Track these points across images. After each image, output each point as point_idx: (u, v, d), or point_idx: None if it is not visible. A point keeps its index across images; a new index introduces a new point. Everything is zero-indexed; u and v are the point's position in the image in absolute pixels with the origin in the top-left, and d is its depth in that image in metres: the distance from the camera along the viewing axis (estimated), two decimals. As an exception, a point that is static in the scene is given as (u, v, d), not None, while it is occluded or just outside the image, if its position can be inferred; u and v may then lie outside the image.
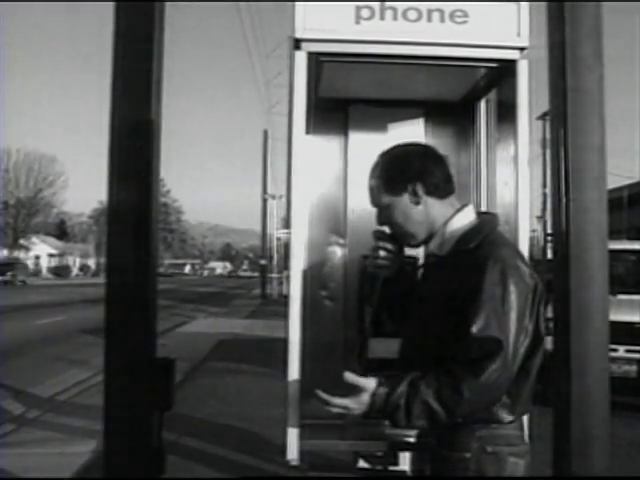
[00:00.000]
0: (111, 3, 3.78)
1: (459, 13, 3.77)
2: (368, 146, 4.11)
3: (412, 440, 3.57)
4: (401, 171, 2.75)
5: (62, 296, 41.92)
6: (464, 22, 3.77)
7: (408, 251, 2.99)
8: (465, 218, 2.72)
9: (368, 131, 4.60)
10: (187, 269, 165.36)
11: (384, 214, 2.81)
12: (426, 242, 2.78)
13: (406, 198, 2.73)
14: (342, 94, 4.64)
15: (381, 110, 4.67)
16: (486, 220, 2.76)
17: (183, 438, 7.69)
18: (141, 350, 3.70)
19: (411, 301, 2.87)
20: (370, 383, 2.52)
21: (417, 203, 2.72)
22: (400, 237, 2.86)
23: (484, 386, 2.38)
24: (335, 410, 2.56)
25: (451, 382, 2.41)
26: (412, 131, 4.62)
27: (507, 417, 2.54)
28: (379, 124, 4.55)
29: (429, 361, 2.54)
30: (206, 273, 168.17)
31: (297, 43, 3.76)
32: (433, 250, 2.75)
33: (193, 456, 7.16)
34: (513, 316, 2.43)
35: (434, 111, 4.71)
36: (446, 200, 2.75)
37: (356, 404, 2.53)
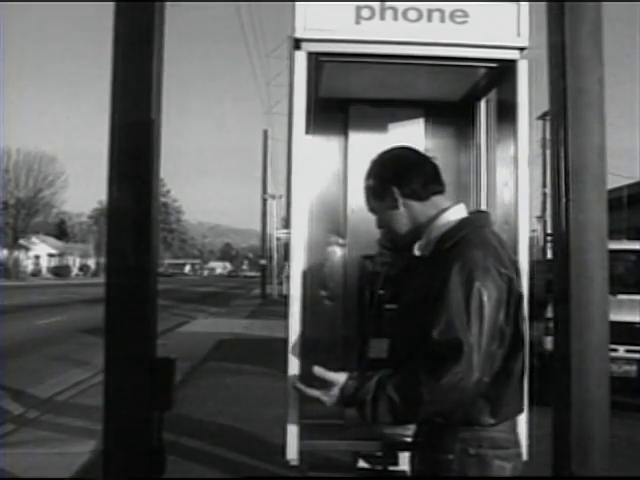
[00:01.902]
0: (111, 3, 3.78)
1: (459, 13, 3.77)
2: (368, 146, 4.11)
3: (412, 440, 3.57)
4: (380, 177, 2.90)
5: (62, 296, 41.90)
6: (464, 22, 3.76)
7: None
8: (450, 217, 2.74)
9: (368, 131, 4.60)
10: (187, 269, 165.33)
11: (377, 218, 2.96)
12: (413, 243, 2.80)
13: (387, 202, 2.84)
14: (342, 94, 4.64)
15: (381, 110, 4.67)
16: (469, 220, 2.76)
17: (183, 438, 7.69)
18: (141, 350, 3.70)
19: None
20: (340, 377, 2.72)
21: (395, 207, 2.81)
22: (391, 239, 2.99)
23: (446, 388, 2.38)
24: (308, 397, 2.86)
25: (413, 383, 2.45)
26: (412, 131, 4.62)
27: (488, 420, 2.53)
28: (379, 124, 4.55)
29: (405, 361, 2.58)
30: (206, 273, 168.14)
31: (297, 43, 3.75)
32: (418, 251, 2.77)
33: (193, 456, 7.17)
34: (480, 318, 2.42)
35: (434, 111, 4.71)
36: (428, 201, 2.80)
37: (326, 396, 2.73)
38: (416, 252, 2.75)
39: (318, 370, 2.78)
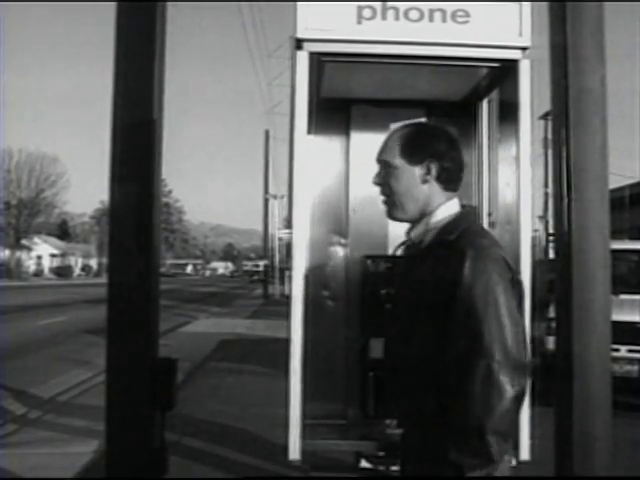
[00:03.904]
0: (113, 3, 3.77)
1: (461, 13, 3.77)
2: (370, 146, 4.11)
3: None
4: (426, 144, 2.70)
5: (64, 296, 41.91)
6: (466, 22, 3.77)
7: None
8: (449, 210, 2.69)
9: (370, 131, 4.61)
10: (189, 269, 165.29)
11: (387, 174, 2.73)
12: (409, 222, 2.76)
13: (417, 171, 2.68)
14: (344, 94, 4.65)
15: (383, 110, 4.68)
16: (469, 212, 2.77)
17: (185, 438, 7.69)
18: (143, 350, 3.70)
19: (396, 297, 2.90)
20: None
21: (425, 182, 2.69)
22: (388, 205, 2.77)
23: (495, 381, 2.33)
24: None
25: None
26: (414, 131, 4.63)
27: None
28: (381, 124, 4.55)
29: (414, 357, 2.57)
30: (208, 273, 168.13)
31: (299, 43, 3.76)
32: (413, 240, 2.74)
33: (195, 456, 7.16)
34: (510, 316, 2.42)
35: (436, 111, 4.72)
36: (445, 193, 2.71)
37: None
38: (412, 233, 2.73)
39: None
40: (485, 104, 4.57)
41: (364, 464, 4.51)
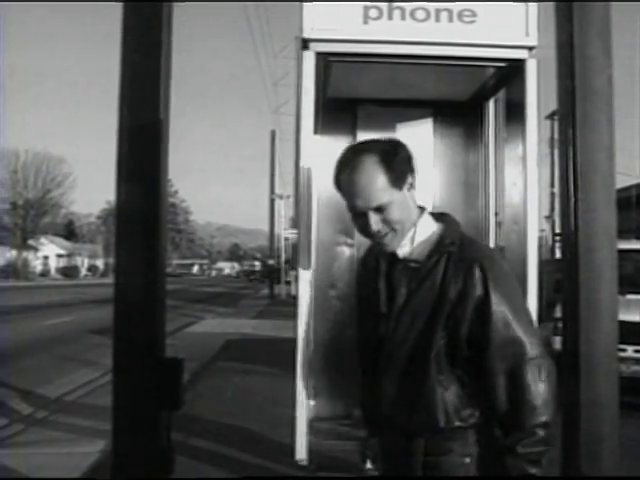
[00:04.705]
0: (120, 3, 3.77)
1: (467, 13, 3.77)
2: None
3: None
4: (403, 160, 2.55)
5: (70, 296, 41.97)
6: (472, 22, 3.77)
7: None
8: (427, 219, 2.62)
9: (376, 131, 4.59)
10: (195, 269, 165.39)
11: (385, 214, 2.52)
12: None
13: (405, 191, 2.55)
14: (350, 94, 4.65)
15: (390, 110, 4.68)
16: (451, 220, 2.67)
17: (191, 438, 7.70)
18: (150, 350, 3.70)
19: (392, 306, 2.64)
20: None
21: (411, 197, 2.58)
22: (389, 238, 2.57)
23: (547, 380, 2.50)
24: None
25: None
26: (420, 131, 4.63)
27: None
28: (388, 124, 4.56)
29: (421, 362, 2.52)
30: (214, 273, 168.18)
31: (305, 43, 3.76)
32: (402, 251, 2.59)
33: (201, 456, 7.17)
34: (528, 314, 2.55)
35: (442, 111, 4.72)
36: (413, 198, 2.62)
37: None
38: (401, 255, 2.59)
39: None
40: (492, 104, 4.57)
41: (369, 465, 4.50)
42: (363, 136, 4.66)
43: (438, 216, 2.68)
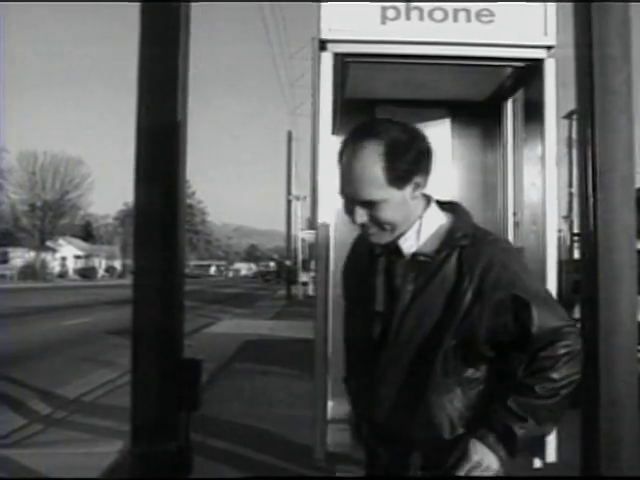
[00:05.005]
0: (137, 4, 3.78)
1: (485, 12, 3.77)
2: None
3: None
4: (413, 156, 2.29)
5: (88, 297, 42.15)
6: (490, 21, 3.76)
7: None
8: (435, 211, 2.43)
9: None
10: (212, 270, 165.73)
11: (374, 210, 2.31)
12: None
13: (407, 192, 2.31)
14: (368, 95, 4.65)
15: (407, 111, 4.67)
16: (462, 211, 2.47)
17: (209, 439, 7.71)
18: (168, 351, 3.71)
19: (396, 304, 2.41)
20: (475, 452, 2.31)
21: (414, 198, 2.35)
22: (374, 233, 2.37)
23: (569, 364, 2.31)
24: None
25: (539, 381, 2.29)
26: (438, 132, 4.62)
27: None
28: (405, 125, 4.55)
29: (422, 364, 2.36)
30: (231, 274, 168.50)
31: (322, 44, 3.76)
32: (407, 247, 2.38)
33: (219, 457, 7.18)
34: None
35: (460, 111, 4.71)
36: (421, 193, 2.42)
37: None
38: (405, 249, 2.38)
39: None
40: (510, 104, 4.56)
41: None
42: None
43: (447, 206, 2.46)
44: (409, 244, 2.38)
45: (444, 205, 2.46)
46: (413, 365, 2.37)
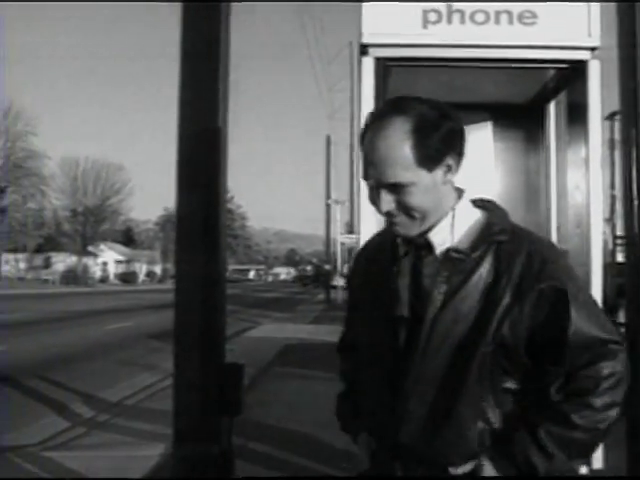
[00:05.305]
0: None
1: (528, 14, 3.73)
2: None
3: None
4: (444, 134, 2.06)
5: (129, 302, 42.54)
6: (533, 23, 3.73)
7: None
8: (466, 203, 2.20)
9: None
10: (251, 275, 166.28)
11: (402, 195, 2.07)
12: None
13: (439, 175, 2.08)
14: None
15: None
16: (493, 205, 2.23)
17: (251, 442, 7.72)
18: (210, 355, 3.73)
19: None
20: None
21: (445, 183, 2.12)
22: (401, 223, 2.13)
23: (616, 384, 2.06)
24: None
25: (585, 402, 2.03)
26: (480, 135, 4.59)
27: None
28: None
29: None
30: (270, 279, 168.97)
31: (364, 49, 3.76)
32: (439, 242, 2.13)
33: (260, 461, 7.19)
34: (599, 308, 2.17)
35: (502, 114, 4.68)
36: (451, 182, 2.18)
37: None
38: (437, 244, 2.13)
39: None
40: (553, 106, 4.51)
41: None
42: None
43: (480, 202, 2.23)
44: (441, 238, 2.12)
45: (476, 202, 2.23)
46: (445, 375, 2.09)
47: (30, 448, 7.76)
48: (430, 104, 2.07)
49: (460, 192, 2.19)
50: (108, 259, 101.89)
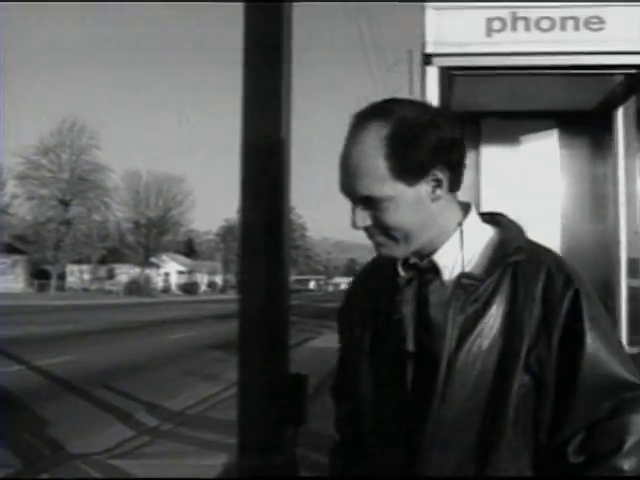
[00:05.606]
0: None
1: (595, 20, 3.67)
2: (500, 160, 4.04)
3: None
4: (428, 144, 1.73)
5: (191, 312, 42.95)
6: (600, 29, 3.67)
7: None
8: (475, 221, 1.88)
9: (500, 144, 4.53)
10: (312, 285, 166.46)
11: (376, 210, 1.78)
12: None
13: (423, 190, 1.76)
14: (473, 107, 4.59)
15: (513, 122, 4.60)
16: (508, 221, 1.91)
17: (314, 453, 7.71)
18: (275, 366, 3.73)
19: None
20: None
21: (435, 199, 1.78)
22: (382, 243, 1.85)
23: None
24: None
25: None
26: (546, 143, 4.53)
27: None
28: (511, 137, 4.48)
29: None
30: (330, 289, 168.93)
31: (428, 58, 3.73)
32: (445, 265, 1.83)
33: (323, 471, 7.16)
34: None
35: (568, 121, 4.61)
36: (454, 198, 1.87)
37: None
38: (444, 268, 1.83)
39: None
40: (621, 112, 4.43)
41: None
42: (487, 149, 4.60)
43: (490, 218, 1.92)
44: (449, 260, 1.82)
45: (486, 217, 1.91)
46: (473, 423, 1.76)
47: (97, 456, 7.87)
48: (421, 107, 1.81)
49: (466, 207, 1.88)
50: (170, 270, 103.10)
